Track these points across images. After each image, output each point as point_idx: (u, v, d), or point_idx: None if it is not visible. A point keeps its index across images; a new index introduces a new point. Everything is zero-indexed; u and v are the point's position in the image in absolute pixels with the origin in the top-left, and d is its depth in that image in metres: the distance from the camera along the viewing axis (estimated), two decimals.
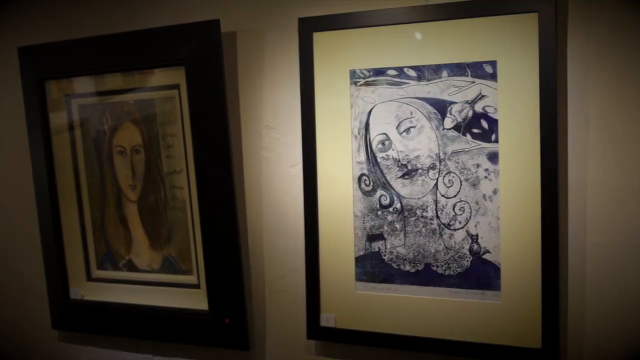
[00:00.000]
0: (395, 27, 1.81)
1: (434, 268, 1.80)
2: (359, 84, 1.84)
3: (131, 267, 2.25)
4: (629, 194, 1.66)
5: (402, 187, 1.81)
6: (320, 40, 1.88)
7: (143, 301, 2.23)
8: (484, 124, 1.71)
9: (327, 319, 1.95)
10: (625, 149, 1.66)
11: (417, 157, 1.79)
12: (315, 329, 1.97)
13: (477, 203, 1.74)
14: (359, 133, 1.84)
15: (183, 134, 2.07)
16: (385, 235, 1.85)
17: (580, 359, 1.76)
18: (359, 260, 1.90)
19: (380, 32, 1.83)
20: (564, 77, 1.68)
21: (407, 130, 1.79)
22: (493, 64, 1.71)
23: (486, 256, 1.75)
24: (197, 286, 2.15)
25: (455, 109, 1.74)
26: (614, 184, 1.67)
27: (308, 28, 1.89)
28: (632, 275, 1.68)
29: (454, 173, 1.75)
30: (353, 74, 1.84)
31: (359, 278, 1.90)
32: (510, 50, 1.69)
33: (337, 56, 1.88)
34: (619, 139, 1.67)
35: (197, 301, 2.15)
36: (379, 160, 1.83)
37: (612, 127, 1.67)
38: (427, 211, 1.79)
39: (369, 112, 1.84)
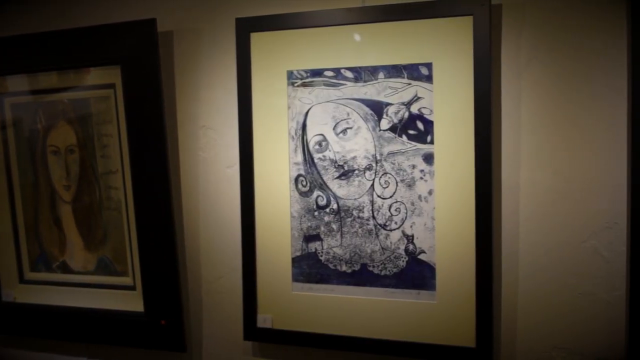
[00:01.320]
0: (332, 29, 1.79)
1: (370, 268, 1.77)
2: (296, 84, 1.80)
3: (65, 268, 2.19)
4: (559, 195, 1.68)
5: (338, 188, 1.78)
6: (258, 41, 1.85)
7: (77, 303, 2.18)
8: (420, 125, 1.69)
9: (263, 320, 1.91)
10: (556, 150, 1.68)
11: (354, 158, 1.76)
12: (252, 330, 1.93)
13: (412, 204, 1.72)
14: (296, 134, 1.81)
15: (119, 134, 2.01)
16: (322, 236, 1.81)
17: (513, 357, 1.75)
18: (295, 261, 1.86)
19: (318, 33, 1.80)
20: (498, 79, 1.68)
21: (344, 131, 1.76)
22: (429, 65, 1.69)
23: (421, 256, 1.74)
24: (132, 288, 2.09)
25: (391, 110, 1.71)
26: (546, 185, 1.68)
27: (245, 28, 1.85)
28: (563, 274, 1.70)
29: (390, 174, 1.72)
30: (290, 74, 1.81)
31: (295, 279, 1.86)
32: (446, 52, 1.68)
33: (275, 57, 1.84)
34: (551, 140, 1.68)
35: (132, 303, 2.09)
36: (315, 161, 1.79)
37: (544, 128, 1.68)
38: (363, 212, 1.77)
39: (306, 113, 1.80)
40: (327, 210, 1.81)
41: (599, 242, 1.64)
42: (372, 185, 1.76)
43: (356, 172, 1.77)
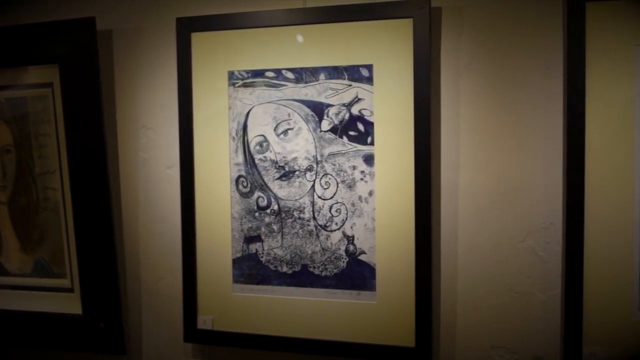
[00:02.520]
0: (274, 29, 1.76)
1: (311, 269, 1.74)
2: (237, 85, 1.76)
3: (1, 270, 2.08)
4: (497, 196, 1.68)
5: (279, 189, 1.74)
6: (199, 41, 1.81)
7: (13, 306, 2.10)
8: (360, 126, 1.67)
9: (204, 321, 1.87)
10: (494, 152, 1.68)
11: (295, 159, 1.72)
12: (192, 331, 1.89)
13: (353, 205, 1.69)
14: (236, 134, 1.76)
15: (57, 134, 1.95)
16: (263, 237, 1.77)
17: (452, 356, 1.75)
18: (236, 262, 1.83)
19: (259, 34, 1.77)
20: (437, 81, 1.68)
21: (285, 132, 1.72)
22: (369, 67, 1.67)
23: (362, 257, 1.71)
24: (70, 290, 2.02)
25: (332, 111, 1.68)
26: (484, 186, 1.68)
27: (186, 28, 1.81)
28: (501, 274, 1.70)
29: (331, 175, 1.69)
30: (231, 75, 1.76)
31: (236, 280, 1.82)
32: (386, 54, 1.67)
33: (216, 57, 1.81)
34: (489, 142, 1.68)
35: (70, 305, 2.03)
36: (256, 162, 1.75)
37: (482, 130, 1.68)
38: (304, 213, 1.73)
39: (247, 114, 1.76)
40: (268, 211, 1.77)
41: (536, 242, 1.64)
42: (313, 186, 1.72)
43: (297, 173, 1.74)
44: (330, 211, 1.74)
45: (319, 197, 1.73)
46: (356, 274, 1.73)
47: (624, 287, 1.58)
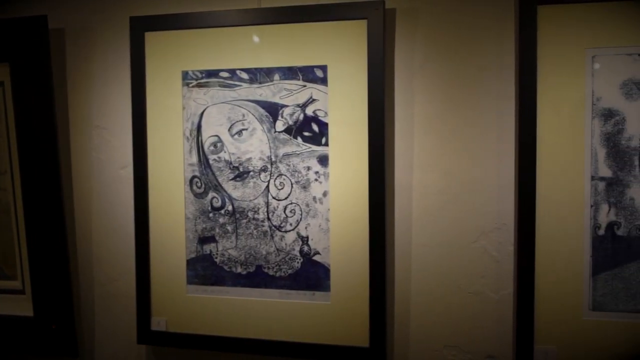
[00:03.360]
0: (228, 29, 1.73)
1: (265, 270, 1.70)
2: (191, 85, 1.72)
3: None
4: (451, 196, 1.67)
5: (234, 190, 1.70)
6: (152, 40, 1.77)
7: None
8: (315, 127, 1.64)
9: (158, 323, 1.83)
10: (448, 152, 1.67)
11: (249, 159, 1.69)
12: (145, 333, 1.85)
13: (307, 205, 1.66)
14: (191, 135, 1.72)
15: (7, 134, 1.89)
16: (217, 238, 1.74)
17: (406, 356, 1.73)
18: (190, 263, 1.79)
19: (214, 34, 1.74)
20: (391, 82, 1.66)
21: (239, 132, 1.69)
22: (324, 68, 1.64)
23: (316, 257, 1.69)
24: (22, 292, 1.96)
25: (286, 112, 1.65)
26: (438, 187, 1.68)
27: (140, 27, 1.78)
28: (454, 274, 1.70)
29: (285, 175, 1.66)
30: (186, 75, 1.73)
31: (190, 281, 1.78)
32: (341, 55, 1.65)
33: (170, 57, 1.78)
34: (442, 143, 1.67)
35: (22, 307, 1.97)
36: (210, 162, 1.71)
37: (436, 131, 1.67)
38: (258, 213, 1.70)
39: (201, 114, 1.73)
40: (222, 211, 1.73)
41: (489, 242, 1.63)
42: (267, 186, 1.69)
43: (251, 173, 1.70)
44: (284, 212, 1.71)
45: (274, 197, 1.70)
46: (310, 274, 1.71)
47: (575, 287, 1.58)
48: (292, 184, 1.70)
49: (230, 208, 1.75)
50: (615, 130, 1.53)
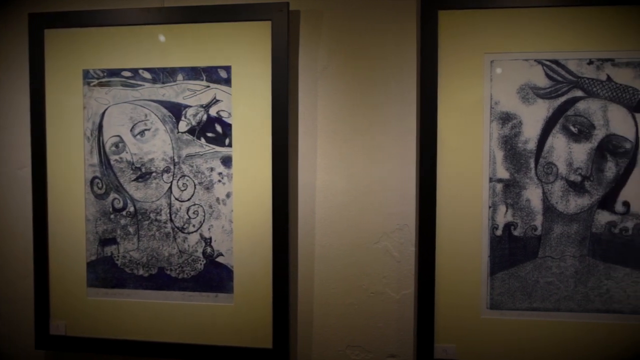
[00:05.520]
0: (131, 28, 1.66)
1: (168, 272, 1.61)
2: (92, 84, 1.61)
3: None
4: (353, 197, 1.64)
5: (135, 191, 1.59)
6: (52, 38, 1.67)
7: None
8: (218, 128, 1.55)
9: (57, 327, 1.73)
10: (351, 154, 1.64)
11: (152, 160, 1.59)
12: (44, 338, 1.76)
13: (210, 206, 1.57)
14: (92, 135, 1.62)
15: None
16: (119, 240, 1.64)
17: (310, 356, 1.69)
18: (90, 265, 1.69)
19: (116, 33, 1.66)
20: (295, 84, 1.63)
21: (142, 132, 1.58)
22: (228, 69, 1.57)
23: (219, 259, 1.61)
24: None
25: (190, 112, 1.56)
26: (341, 188, 1.64)
27: (39, 24, 1.68)
28: (357, 275, 1.65)
29: (189, 177, 1.57)
30: (86, 73, 1.62)
31: (91, 284, 1.68)
32: (245, 56, 1.61)
33: (70, 55, 1.68)
34: (346, 145, 1.64)
35: None
36: (112, 163, 1.60)
37: (339, 133, 1.64)
38: (161, 215, 1.60)
39: (103, 114, 1.63)
40: (124, 213, 1.63)
41: (390, 243, 1.58)
42: (170, 187, 1.60)
43: (154, 174, 1.61)
44: (187, 213, 1.62)
45: (176, 198, 1.61)
46: (214, 276, 1.64)
47: (474, 286, 1.57)
48: (195, 185, 1.61)
49: (132, 209, 1.65)
50: (512, 134, 1.51)
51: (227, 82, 1.61)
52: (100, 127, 1.67)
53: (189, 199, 1.64)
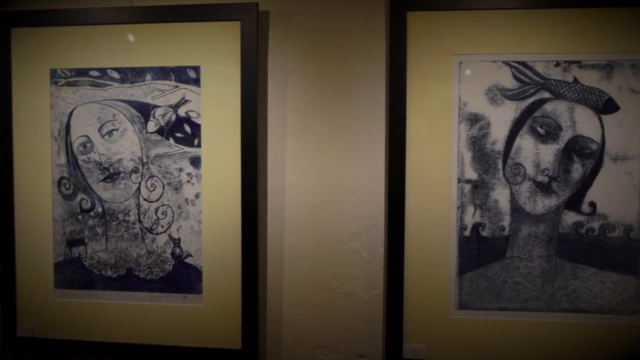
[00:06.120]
0: (99, 28, 1.64)
1: (136, 273, 1.58)
2: (60, 83, 1.58)
3: None
4: (322, 198, 1.63)
5: (104, 191, 1.57)
6: (19, 37, 1.66)
7: None
8: (187, 128, 1.53)
9: (23, 329, 1.69)
10: (320, 155, 1.62)
11: (120, 160, 1.56)
12: (10, 339, 1.73)
13: (179, 207, 1.55)
14: (59, 135, 1.58)
15: None
16: (86, 240, 1.61)
17: (279, 357, 1.68)
18: (58, 266, 1.66)
19: (84, 32, 1.64)
20: (265, 84, 1.61)
21: (110, 133, 1.56)
22: (197, 69, 1.54)
23: (188, 260, 1.59)
24: None
25: (158, 112, 1.53)
26: (310, 188, 1.63)
27: (5, 23, 1.67)
28: (326, 275, 1.63)
29: (157, 177, 1.55)
30: (54, 73, 1.59)
31: (58, 285, 1.64)
32: (214, 56, 1.59)
33: (38, 54, 1.66)
34: (315, 145, 1.62)
35: None
36: (80, 163, 1.57)
37: (308, 133, 1.62)
38: (129, 215, 1.57)
39: (70, 114, 1.61)
40: (92, 213, 1.61)
41: (359, 243, 1.57)
42: (139, 188, 1.57)
43: (122, 174, 1.59)
44: (156, 214, 1.60)
45: (145, 199, 1.59)
46: (182, 277, 1.61)
47: (442, 286, 1.57)
48: (164, 186, 1.60)
49: (100, 210, 1.62)
50: (480, 135, 1.50)
51: (196, 82, 1.58)
52: (67, 127, 1.64)
53: (157, 200, 1.62)
